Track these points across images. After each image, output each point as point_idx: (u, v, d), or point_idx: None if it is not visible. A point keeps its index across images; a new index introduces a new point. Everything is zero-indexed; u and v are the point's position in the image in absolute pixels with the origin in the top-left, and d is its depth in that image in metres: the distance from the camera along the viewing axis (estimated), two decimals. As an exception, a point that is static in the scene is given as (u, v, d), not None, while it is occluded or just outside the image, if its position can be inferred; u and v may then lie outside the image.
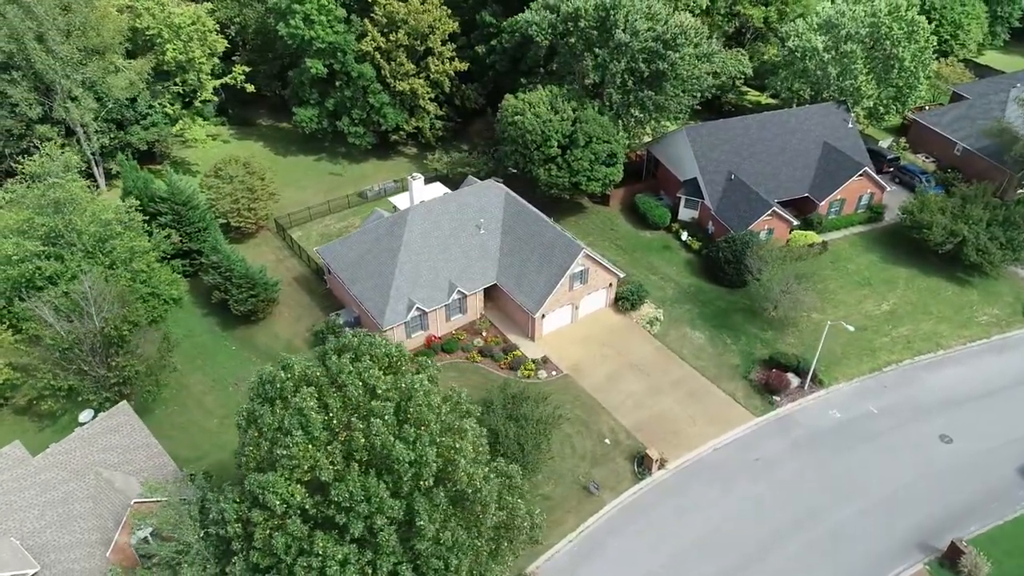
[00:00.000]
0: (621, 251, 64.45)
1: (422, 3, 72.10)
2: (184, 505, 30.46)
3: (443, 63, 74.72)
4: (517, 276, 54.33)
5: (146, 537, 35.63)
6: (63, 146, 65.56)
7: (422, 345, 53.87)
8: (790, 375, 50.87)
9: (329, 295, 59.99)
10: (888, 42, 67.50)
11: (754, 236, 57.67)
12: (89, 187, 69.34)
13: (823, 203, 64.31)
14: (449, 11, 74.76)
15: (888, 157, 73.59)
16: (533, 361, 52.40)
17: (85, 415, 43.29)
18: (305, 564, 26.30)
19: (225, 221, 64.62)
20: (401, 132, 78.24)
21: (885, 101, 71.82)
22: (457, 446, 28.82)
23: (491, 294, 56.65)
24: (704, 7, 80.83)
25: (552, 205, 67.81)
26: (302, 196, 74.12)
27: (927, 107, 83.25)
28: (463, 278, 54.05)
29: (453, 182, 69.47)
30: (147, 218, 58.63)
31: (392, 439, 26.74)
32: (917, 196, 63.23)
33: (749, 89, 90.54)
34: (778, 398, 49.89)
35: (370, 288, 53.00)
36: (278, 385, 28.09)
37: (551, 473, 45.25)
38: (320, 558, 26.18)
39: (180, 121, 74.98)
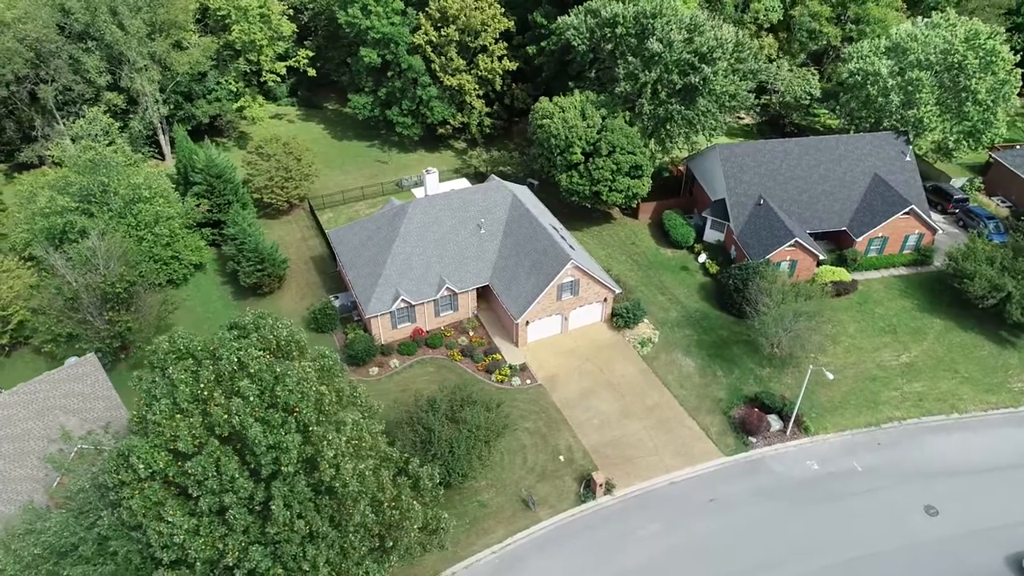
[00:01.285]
0: (636, 266, 62.54)
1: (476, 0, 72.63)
2: (92, 454, 32.45)
3: (492, 61, 74.97)
4: (509, 280, 53.87)
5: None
6: (125, 112, 71.18)
7: (408, 337, 54.45)
8: (772, 417, 47.79)
9: (337, 277, 61.72)
10: (961, 72, 61.65)
11: (767, 266, 54.37)
12: (154, 154, 75.20)
13: (860, 239, 59.72)
14: (503, 9, 74.89)
15: (955, 197, 67.37)
16: (510, 367, 51.85)
17: (71, 361, 46.79)
18: (157, 530, 27.41)
19: (259, 197, 67.73)
20: (448, 126, 79.11)
21: (956, 136, 65.66)
22: (330, 438, 29.05)
23: (487, 295, 56.46)
24: (776, 21, 77.16)
25: (580, 213, 66.79)
26: (344, 179, 76.55)
27: (1019, 146, 75.47)
28: (455, 276, 54.16)
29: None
30: (188, 186, 62.84)
31: (251, 420, 27.35)
32: (967, 242, 57.49)
33: (825, 111, 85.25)
34: (754, 439, 46.96)
35: (364, 275, 54.12)
36: (161, 355, 29.42)
37: (495, 481, 44.73)
38: (170, 525, 27.22)
39: (242, 98, 79.11)
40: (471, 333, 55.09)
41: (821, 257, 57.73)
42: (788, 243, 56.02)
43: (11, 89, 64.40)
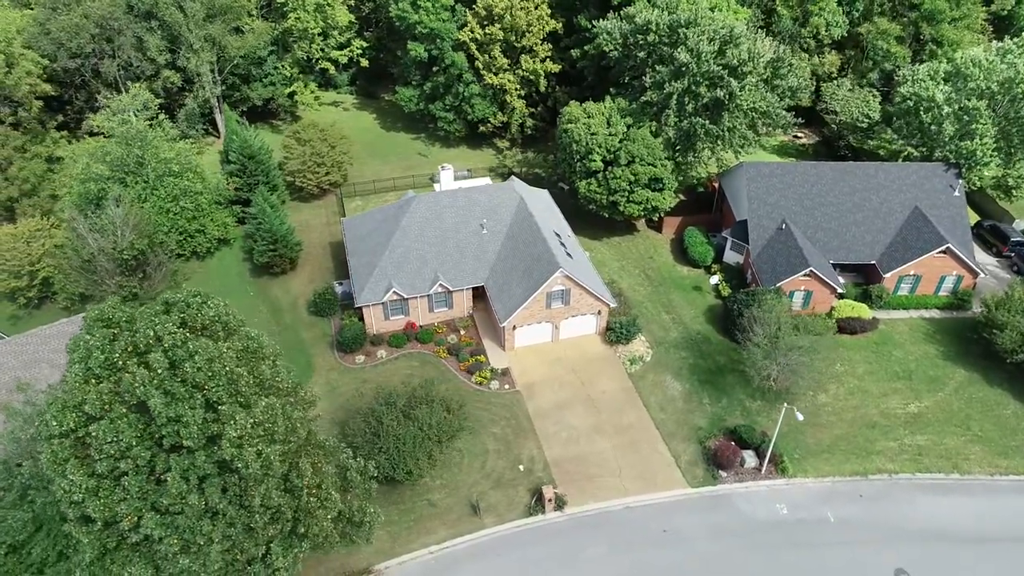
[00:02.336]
0: (647, 281, 60.71)
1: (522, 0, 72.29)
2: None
3: (535, 62, 74.52)
4: (502, 283, 53.45)
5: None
6: (181, 90, 75.08)
7: (401, 329, 54.91)
8: (748, 453, 45.37)
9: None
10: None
11: (777, 294, 51.42)
12: (208, 131, 78.77)
13: (889, 275, 55.70)
14: (551, 10, 74.27)
15: (1012, 239, 61.79)
16: (491, 370, 51.47)
17: (74, 319, 49.96)
18: (61, 485, 28.85)
19: (292, 180, 70.01)
20: (489, 124, 79.17)
21: (1020, 172, 60.13)
22: (237, 418, 29.68)
23: (485, 296, 56.12)
24: (838, 38, 73.08)
25: (603, 222, 65.21)
26: (383, 169, 77.92)
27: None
28: (451, 273, 54.19)
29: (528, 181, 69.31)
30: (229, 164, 65.89)
31: (154, 391, 28.34)
32: (1007, 288, 52.54)
33: (886, 136, 79.94)
34: (724, 473, 44.71)
35: (362, 264, 54.98)
36: (90, 322, 30.88)
37: (450, 481, 44.53)
38: (71, 483, 28.59)
39: (295, 84, 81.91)
40: (462, 332, 55.01)
41: (839, 290, 54.21)
42: (802, 272, 52.96)
43: (78, 62, 69.06)
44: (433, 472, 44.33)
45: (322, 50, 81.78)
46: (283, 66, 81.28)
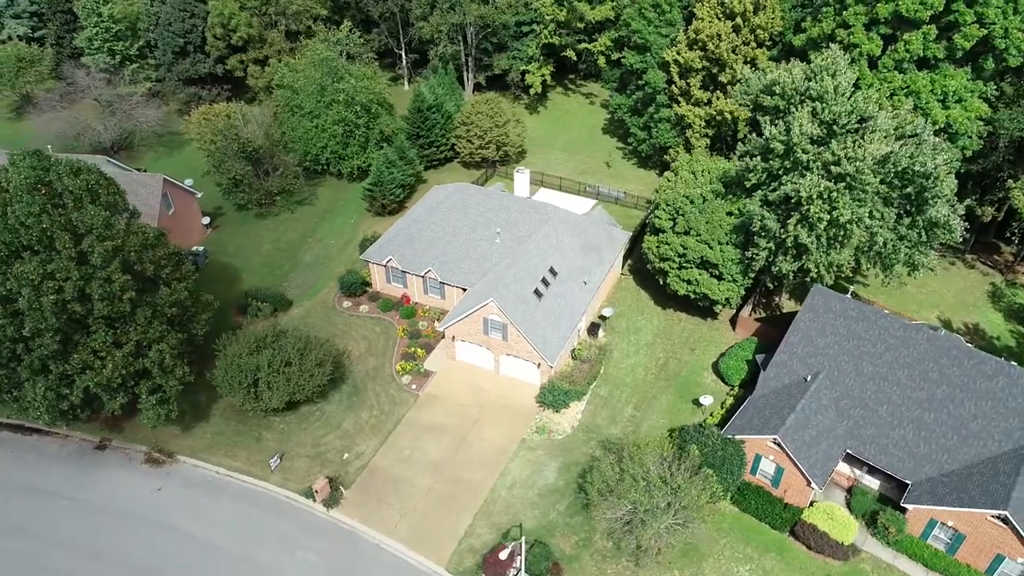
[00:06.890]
0: (658, 371, 51.97)
1: (733, 31, 64.04)
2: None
3: (728, 102, 65.88)
4: (476, 293, 51.74)
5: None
6: (430, 41, 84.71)
7: (397, 297, 57.22)
8: (521, 577, 38.33)
9: (431, 227, 66.34)
10: None
11: (731, 446, 40.28)
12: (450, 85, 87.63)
13: (913, 509, 38.89)
14: (775, 51, 64.37)
15: None
16: (416, 366, 51.17)
17: (188, 181, 63.77)
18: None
19: (455, 142, 75.16)
20: (670, 153, 72.77)
21: None
22: (30, 263, 37.49)
23: (480, 302, 54.97)
24: None
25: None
26: (559, 163, 78.19)
27: None
28: (446, 266, 54.22)
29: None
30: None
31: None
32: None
33: None
34: (486, 581, 38.74)
35: (395, 227, 58.16)
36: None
37: (290, 430, 47.08)
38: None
39: (531, 63, 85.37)
40: (435, 324, 55.02)
41: (813, 485, 39.84)
42: (769, 436, 40.34)
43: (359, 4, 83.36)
44: (287, 417, 47.48)
45: (565, 40, 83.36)
46: (531, 45, 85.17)
